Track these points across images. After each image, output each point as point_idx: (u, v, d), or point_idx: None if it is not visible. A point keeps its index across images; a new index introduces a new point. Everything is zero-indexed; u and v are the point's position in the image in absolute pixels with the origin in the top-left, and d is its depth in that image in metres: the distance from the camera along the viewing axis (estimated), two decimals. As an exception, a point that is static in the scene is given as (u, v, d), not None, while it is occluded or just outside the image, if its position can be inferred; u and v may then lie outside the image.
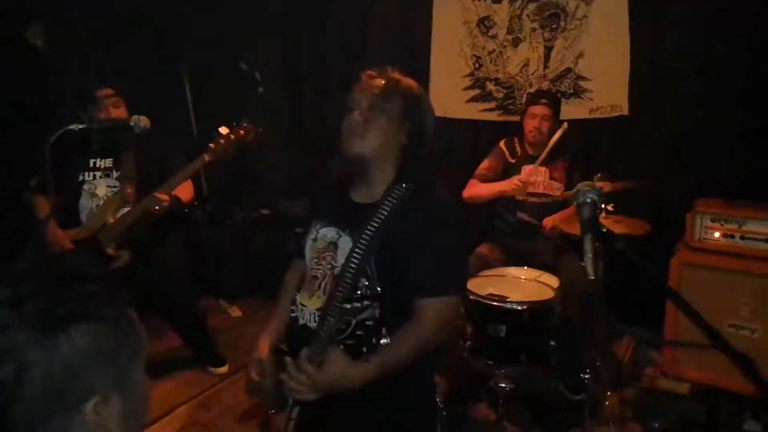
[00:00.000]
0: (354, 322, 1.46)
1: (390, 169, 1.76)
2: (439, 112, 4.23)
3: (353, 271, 1.68)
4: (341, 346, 1.61)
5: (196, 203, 3.86)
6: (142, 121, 2.80)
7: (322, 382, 1.59)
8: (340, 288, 1.69)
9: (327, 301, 1.73)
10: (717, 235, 3.17)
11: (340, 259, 1.74)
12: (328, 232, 1.80)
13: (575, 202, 1.52)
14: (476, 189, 3.64)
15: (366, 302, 1.40)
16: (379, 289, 1.67)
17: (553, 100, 3.59)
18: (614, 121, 3.87)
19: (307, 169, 5.10)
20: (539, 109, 3.49)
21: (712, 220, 3.19)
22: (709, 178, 3.60)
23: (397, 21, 4.47)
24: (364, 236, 1.69)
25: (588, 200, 1.50)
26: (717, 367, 3.05)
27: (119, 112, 3.29)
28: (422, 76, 4.41)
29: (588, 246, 1.45)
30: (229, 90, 4.78)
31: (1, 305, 0.81)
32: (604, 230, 1.46)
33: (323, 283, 1.78)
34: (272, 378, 1.83)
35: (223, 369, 3.72)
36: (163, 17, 4.52)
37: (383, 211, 1.69)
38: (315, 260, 1.81)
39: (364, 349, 1.59)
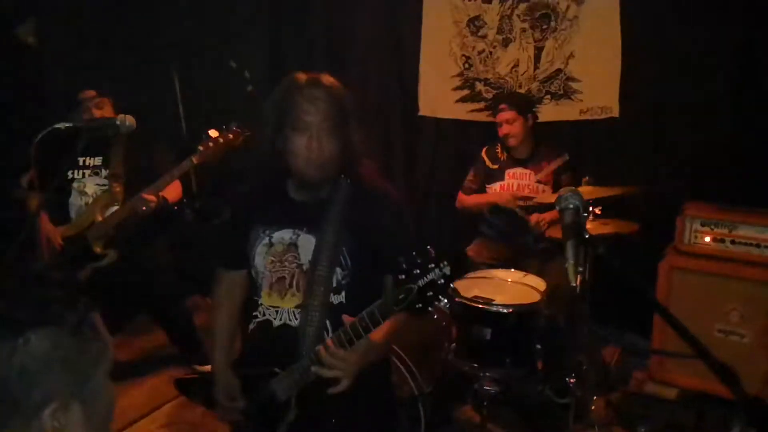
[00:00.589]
0: (416, 288, 1.48)
1: (332, 168, 1.80)
2: (427, 112, 4.37)
3: (326, 264, 1.76)
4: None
5: (184, 201, 3.85)
6: (128, 120, 2.79)
7: (355, 361, 1.65)
8: (316, 281, 1.77)
9: (305, 296, 1.79)
10: (707, 239, 3.16)
11: (305, 256, 1.80)
12: (284, 235, 1.83)
13: (557, 207, 1.51)
14: (467, 200, 3.74)
15: (430, 265, 1.47)
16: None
17: (512, 100, 3.64)
18: (604, 123, 3.85)
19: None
20: (501, 116, 3.56)
21: (702, 224, 3.17)
22: (698, 182, 3.58)
23: (386, 20, 4.43)
24: (326, 231, 1.77)
25: (570, 206, 1.49)
26: (705, 372, 2.95)
27: (103, 112, 3.31)
28: (411, 75, 4.39)
29: (570, 251, 1.43)
30: (219, 89, 4.75)
31: None
32: (587, 236, 1.44)
33: (294, 282, 1.82)
34: (244, 402, 1.90)
35: (208, 367, 3.70)
36: (152, 17, 4.48)
37: (338, 205, 1.78)
38: (277, 263, 1.83)
39: (430, 309, 1.61)
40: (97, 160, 3.41)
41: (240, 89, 4.71)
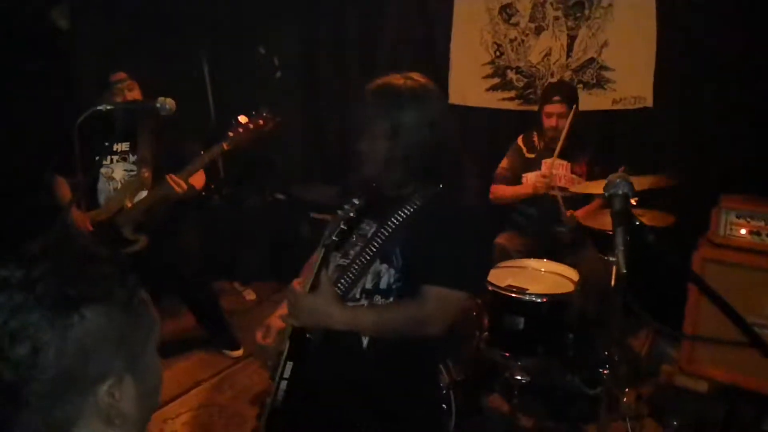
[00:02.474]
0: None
1: (418, 168, 1.74)
2: (457, 100, 4.35)
3: (370, 254, 1.72)
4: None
5: (211, 187, 3.86)
6: (168, 104, 2.74)
7: (305, 305, 1.64)
8: (353, 267, 1.74)
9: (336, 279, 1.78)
10: (743, 231, 3.10)
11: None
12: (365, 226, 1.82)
13: (606, 193, 1.48)
14: (501, 191, 3.65)
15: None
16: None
17: (567, 94, 3.52)
18: (637, 113, 3.80)
19: (322, 154, 5.07)
20: (554, 108, 3.45)
21: (738, 216, 3.12)
22: (734, 173, 3.52)
23: (417, 7, 4.40)
24: (389, 222, 1.72)
25: (620, 192, 1.46)
26: (737, 365, 3.00)
27: (133, 95, 3.28)
28: (442, 63, 4.36)
29: (620, 239, 1.41)
30: (247, 75, 4.76)
31: (15, 286, 0.80)
32: (637, 223, 1.42)
33: None
34: (274, 347, 1.88)
35: (238, 352, 3.74)
36: (183, 2, 4.49)
37: (410, 205, 1.73)
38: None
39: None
40: (125, 146, 3.39)
41: (269, 75, 4.72)
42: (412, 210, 1.72)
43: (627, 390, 3.04)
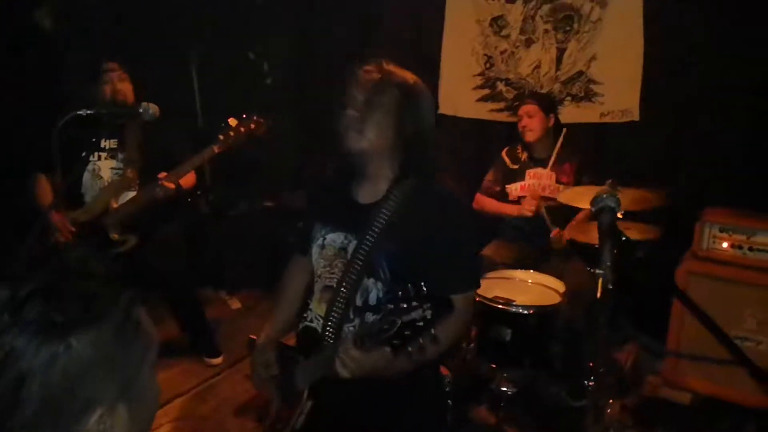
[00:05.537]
0: (400, 322, 1.37)
1: (391, 165, 1.72)
2: (448, 111, 4.36)
3: (355, 273, 1.66)
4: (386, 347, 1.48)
5: (198, 192, 3.83)
6: (152, 108, 2.77)
7: (367, 368, 1.51)
8: (342, 289, 1.68)
9: (327, 310, 1.72)
10: (725, 245, 3.14)
11: None
12: (336, 238, 1.76)
13: (593, 209, 1.50)
14: (485, 204, 3.69)
15: (414, 303, 1.36)
16: (425, 289, 1.45)
17: (539, 98, 3.63)
18: (625, 127, 3.83)
19: (312, 161, 5.05)
20: (524, 109, 3.55)
21: (721, 230, 3.16)
22: (718, 187, 3.55)
23: (409, 18, 4.42)
24: (368, 235, 1.66)
25: (607, 207, 1.48)
26: (719, 377, 3.03)
27: (124, 86, 3.27)
28: (432, 73, 4.37)
29: (607, 254, 1.42)
30: (236, 80, 4.74)
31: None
32: (624, 238, 1.44)
33: None
34: (277, 372, 1.85)
35: (218, 360, 3.72)
36: (172, 5, 4.47)
37: (387, 210, 1.67)
38: (327, 268, 1.77)
39: (410, 348, 1.48)
40: (113, 143, 3.34)
41: (258, 81, 4.71)
42: (389, 214, 1.66)
43: (612, 401, 3.05)
